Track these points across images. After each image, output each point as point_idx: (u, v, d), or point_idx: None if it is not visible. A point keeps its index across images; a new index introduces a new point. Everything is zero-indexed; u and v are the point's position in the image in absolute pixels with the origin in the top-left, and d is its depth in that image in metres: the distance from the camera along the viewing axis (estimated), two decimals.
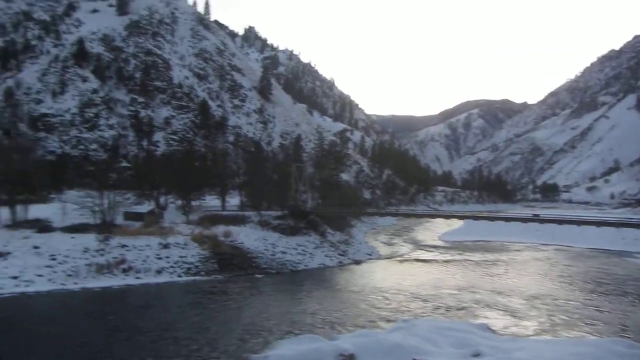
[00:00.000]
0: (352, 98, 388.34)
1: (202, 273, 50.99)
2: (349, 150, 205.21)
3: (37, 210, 66.68)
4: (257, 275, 52.93)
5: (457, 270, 59.89)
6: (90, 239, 51.39)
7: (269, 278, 52.54)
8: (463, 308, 39.31)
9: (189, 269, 50.95)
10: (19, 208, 64.66)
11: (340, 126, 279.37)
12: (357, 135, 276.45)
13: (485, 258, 70.50)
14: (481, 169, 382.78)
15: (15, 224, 60.03)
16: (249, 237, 61.79)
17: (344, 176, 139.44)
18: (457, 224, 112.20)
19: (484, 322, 33.45)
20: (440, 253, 77.18)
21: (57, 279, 43.73)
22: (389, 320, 34.69)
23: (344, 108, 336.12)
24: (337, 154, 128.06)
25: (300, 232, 68.57)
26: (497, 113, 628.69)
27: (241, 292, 44.42)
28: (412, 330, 28.66)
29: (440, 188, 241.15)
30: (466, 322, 33.03)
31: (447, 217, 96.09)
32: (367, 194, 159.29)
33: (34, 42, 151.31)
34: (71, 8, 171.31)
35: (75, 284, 43.66)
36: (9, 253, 45.88)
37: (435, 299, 42.40)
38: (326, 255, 65.11)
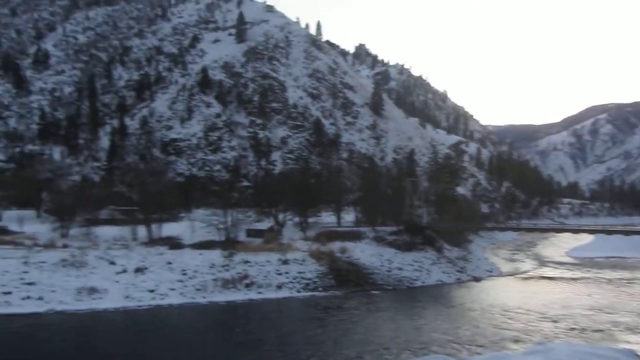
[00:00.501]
0: (466, 109, 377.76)
1: (320, 289, 52.09)
2: (464, 162, 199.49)
3: (169, 229, 72.31)
4: (374, 292, 52.99)
5: (588, 288, 55.63)
6: (216, 255, 54.64)
7: (385, 294, 52.40)
8: (600, 330, 36.35)
9: (307, 284, 52.32)
10: (153, 226, 70.61)
11: (454, 138, 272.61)
12: (472, 147, 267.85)
13: (621, 276, 64.75)
14: (612, 178, 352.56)
15: (151, 241, 65.53)
16: (364, 253, 62.15)
17: (460, 190, 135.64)
18: (586, 238, 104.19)
19: (630, 347, 30.77)
20: (569, 270, 72.17)
21: (188, 292, 46.97)
22: (516, 341, 33.05)
23: (458, 120, 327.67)
24: (452, 167, 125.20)
25: (416, 248, 67.72)
26: (628, 117, 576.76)
27: (358, 307, 44.78)
28: (550, 354, 26.96)
29: (565, 200, 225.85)
30: (609, 347, 30.54)
31: (576, 231, 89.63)
32: (485, 208, 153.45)
33: (164, 74, 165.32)
34: (195, 40, 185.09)
35: (204, 297, 46.59)
36: (146, 268, 50.11)
37: (566, 319, 39.68)
38: (443, 272, 63.65)
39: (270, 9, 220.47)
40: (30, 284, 43.32)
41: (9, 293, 41.46)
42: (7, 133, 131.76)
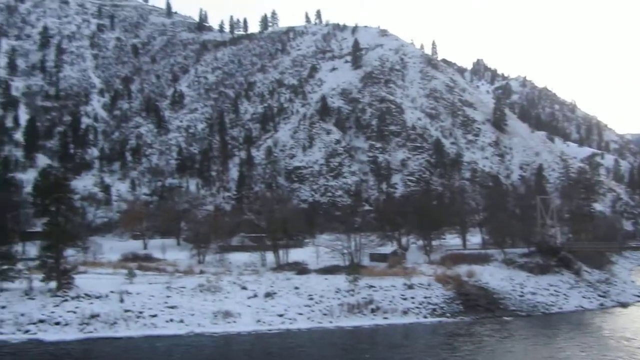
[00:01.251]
0: (599, 118, 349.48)
1: (447, 314, 50.60)
2: (600, 176, 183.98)
3: (295, 254, 74.64)
4: (505, 318, 50.36)
5: None
6: (341, 280, 55.36)
7: (518, 321, 49.55)
8: None
9: (434, 309, 51.10)
10: (281, 252, 73.32)
11: (587, 151, 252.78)
12: (609, 159, 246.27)
13: None
14: None
15: (279, 267, 68.05)
16: (493, 277, 59.45)
17: (598, 206, 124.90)
18: None
19: None
20: None
21: (315, 317, 47.99)
22: None
23: (590, 130, 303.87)
24: (587, 181, 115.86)
25: (550, 271, 63.45)
26: None
27: (491, 335, 42.78)
28: None
29: None
30: None
31: None
32: (628, 225, 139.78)
33: (286, 105, 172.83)
34: (314, 70, 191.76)
35: (330, 322, 47.30)
36: (275, 293, 52.07)
37: None
38: (584, 297, 58.85)
39: (384, 33, 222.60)
40: (172, 307, 46.96)
41: (155, 316, 45.23)
42: (150, 169, 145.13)
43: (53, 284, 47.82)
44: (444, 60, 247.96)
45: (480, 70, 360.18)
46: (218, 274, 58.75)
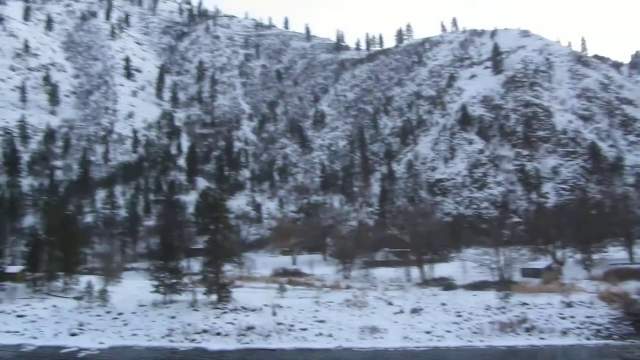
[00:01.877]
0: None
1: (615, 336, 45.91)
2: None
3: (441, 269, 73.11)
4: None
5: None
6: (491, 297, 53.00)
7: None
8: None
9: (598, 330, 46.72)
10: (425, 267, 72.29)
11: None
12: None
13: None
14: None
15: (424, 282, 67.09)
16: None
17: None
18: None
19: None
20: None
21: (464, 335, 46.41)
22: None
23: None
24: None
25: None
26: None
27: None
28: None
29: None
30: None
31: None
32: None
33: (425, 117, 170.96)
34: (452, 79, 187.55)
35: (481, 341, 45.40)
36: (421, 309, 51.36)
37: None
38: None
39: (526, 33, 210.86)
40: (321, 321, 48.47)
41: (305, 329, 47.06)
42: (296, 187, 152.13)
43: (214, 297, 52.04)
44: (596, 56, 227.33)
45: (639, 63, 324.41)
46: (364, 289, 59.53)
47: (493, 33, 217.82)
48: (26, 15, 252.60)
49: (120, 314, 49.12)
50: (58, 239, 60.10)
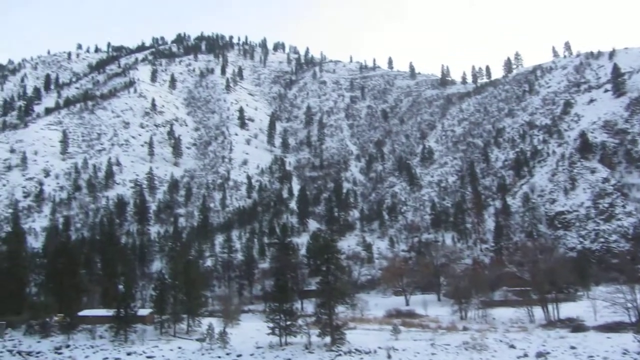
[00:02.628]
0: None
1: None
2: None
3: (567, 309, 67.90)
4: None
5: None
6: (627, 339, 48.29)
7: None
8: None
9: None
10: (550, 307, 67.44)
11: None
12: None
13: None
14: None
15: (549, 323, 62.54)
16: None
17: None
18: None
19: None
20: None
21: None
22: None
23: None
24: None
25: None
26: None
27: None
28: None
29: None
30: None
31: None
32: None
33: (540, 147, 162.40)
34: (568, 105, 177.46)
35: None
36: (547, 353, 47.87)
37: None
38: None
39: None
40: None
41: None
42: (406, 225, 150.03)
43: (328, 339, 52.27)
44: None
45: None
46: (482, 330, 56.82)
47: (611, 54, 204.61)
48: (153, 77, 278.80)
49: (239, 355, 50.83)
50: (182, 282, 64.04)
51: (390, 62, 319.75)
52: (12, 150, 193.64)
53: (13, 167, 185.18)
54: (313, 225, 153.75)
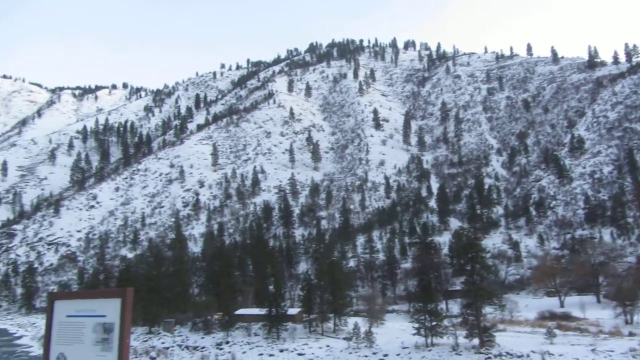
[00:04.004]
0: None
1: None
2: None
3: None
4: None
5: None
6: None
7: None
8: None
9: None
10: None
11: None
12: None
13: None
14: None
15: None
16: None
17: None
18: None
19: None
20: None
21: None
22: None
23: None
24: None
25: None
26: None
27: None
28: None
29: None
30: None
31: None
32: None
33: None
34: None
35: None
36: None
37: None
38: None
39: None
40: None
41: None
42: (556, 221, 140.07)
43: (475, 341, 50.85)
44: None
45: None
46: None
47: None
48: (290, 87, 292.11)
49: (385, 355, 51.49)
50: (327, 283, 66.48)
51: (529, 48, 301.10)
52: (172, 165, 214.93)
53: (173, 180, 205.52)
54: (454, 223, 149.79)
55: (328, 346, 55.86)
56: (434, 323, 53.52)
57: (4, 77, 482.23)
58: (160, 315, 72.99)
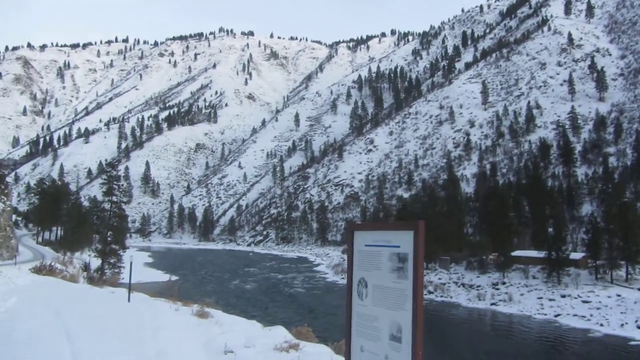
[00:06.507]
0: None
1: None
2: None
3: None
4: None
5: None
6: None
7: None
8: None
9: None
10: None
11: None
12: None
13: None
14: None
15: None
16: None
17: None
18: None
19: None
20: None
21: None
22: None
23: None
24: None
25: None
26: None
27: None
28: None
29: None
30: None
31: None
32: None
33: None
34: None
35: None
36: None
37: None
38: None
39: None
40: None
41: None
42: None
43: None
44: None
45: None
46: None
47: None
48: (567, 10, 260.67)
49: None
50: (617, 227, 59.70)
51: None
52: (441, 107, 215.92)
53: (443, 122, 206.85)
54: None
55: (619, 296, 50.72)
56: None
57: (291, 38, 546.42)
58: (437, 253, 75.89)
